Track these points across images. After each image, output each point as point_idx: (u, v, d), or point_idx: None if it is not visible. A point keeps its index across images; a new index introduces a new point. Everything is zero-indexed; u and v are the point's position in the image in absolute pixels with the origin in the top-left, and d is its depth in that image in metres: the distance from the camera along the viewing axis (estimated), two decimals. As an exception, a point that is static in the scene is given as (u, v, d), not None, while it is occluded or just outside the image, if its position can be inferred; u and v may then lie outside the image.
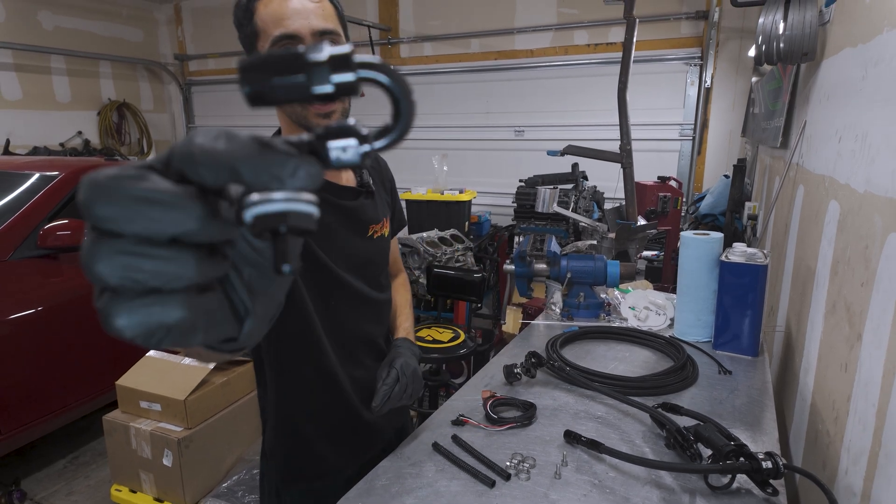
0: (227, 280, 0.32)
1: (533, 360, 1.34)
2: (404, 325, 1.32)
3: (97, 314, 0.26)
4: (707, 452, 0.97)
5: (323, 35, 0.95)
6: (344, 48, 0.32)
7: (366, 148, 0.34)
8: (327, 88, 0.32)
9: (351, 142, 0.33)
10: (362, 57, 0.33)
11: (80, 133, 6.86)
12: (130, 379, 2.39)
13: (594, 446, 1.03)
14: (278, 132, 1.11)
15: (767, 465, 0.87)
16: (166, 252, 0.26)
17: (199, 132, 0.29)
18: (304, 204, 0.29)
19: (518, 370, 1.33)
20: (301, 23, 0.93)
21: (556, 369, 1.36)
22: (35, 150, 6.20)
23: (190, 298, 0.28)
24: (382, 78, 0.33)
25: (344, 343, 1.15)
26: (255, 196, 0.29)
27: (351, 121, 0.34)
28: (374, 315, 1.22)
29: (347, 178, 1.15)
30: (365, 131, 0.34)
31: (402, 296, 1.39)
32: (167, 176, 0.27)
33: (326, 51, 0.31)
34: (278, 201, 0.29)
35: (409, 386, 1.14)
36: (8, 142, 5.98)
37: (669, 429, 1.04)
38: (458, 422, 1.17)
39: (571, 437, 1.07)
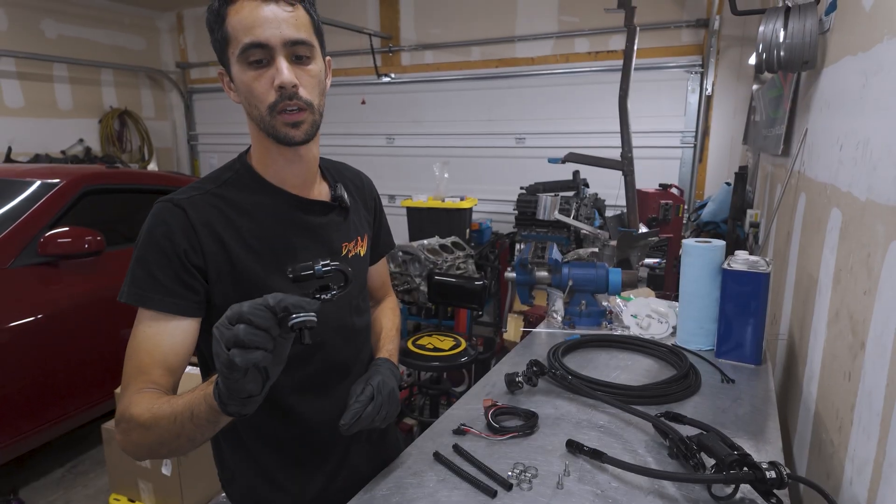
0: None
1: (534, 368, 1.33)
2: (387, 346, 1.22)
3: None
4: (710, 462, 0.96)
5: (294, 45, 0.90)
6: (310, 315, 0.71)
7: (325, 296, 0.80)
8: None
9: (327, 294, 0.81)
10: (325, 265, 0.80)
11: (81, 141, 6.88)
12: (130, 387, 2.38)
13: (597, 456, 1.02)
14: (247, 150, 1.07)
15: (771, 475, 0.87)
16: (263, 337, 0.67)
17: (271, 296, 0.70)
18: (313, 315, 0.71)
19: (519, 379, 1.32)
20: (271, 32, 0.88)
21: (557, 378, 1.35)
22: (36, 158, 6.21)
23: (265, 355, 0.67)
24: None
25: (308, 371, 1.06)
26: (294, 316, 0.70)
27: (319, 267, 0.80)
28: (347, 341, 1.13)
29: (320, 192, 1.08)
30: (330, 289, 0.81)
31: (389, 319, 1.31)
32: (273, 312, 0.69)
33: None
34: (302, 317, 0.70)
35: (383, 406, 1.00)
36: (10, 149, 6.00)
37: (672, 438, 1.03)
38: (460, 431, 1.16)
39: (574, 447, 1.06)
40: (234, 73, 0.93)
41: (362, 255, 1.15)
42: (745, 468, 0.89)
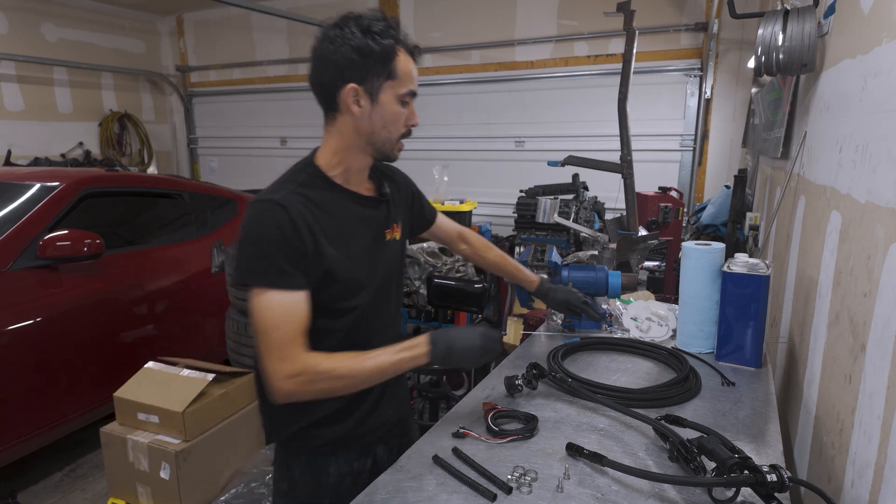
0: None
1: (534, 371, 1.33)
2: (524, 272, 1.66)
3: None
4: (711, 465, 0.96)
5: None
6: None
7: None
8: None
9: None
10: None
11: (81, 144, 6.89)
12: (128, 390, 2.38)
13: (597, 459, 1.01)
14: (313, 156, 1.27)
15: (772, 478, 0.86)
16: None
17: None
18: None
19: (519, 382, 1.32)
20: (416, 85, 1.19)
21: (557, 381, 1.35)
22: (36, 161, 6.22)
23: None
24: None
25: (359, 333, 1.24)
26: None
27: None
28: (393, 313, 1.38)
29: (369, 189, 1.29)
30: None
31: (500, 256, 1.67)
32: None
33: None
34: None
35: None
36: (9, 152, 6.00)
37: (673, 441, 1.03)
38: (459, 434, 1.16)
39: (574, 450, 1.06)
40: (385, 101, 1.15)
41: (398, 239, 1.34)
42: (746, 471, 0.89)
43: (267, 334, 1.07)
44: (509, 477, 1.00)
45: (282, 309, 1.08)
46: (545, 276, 1.62)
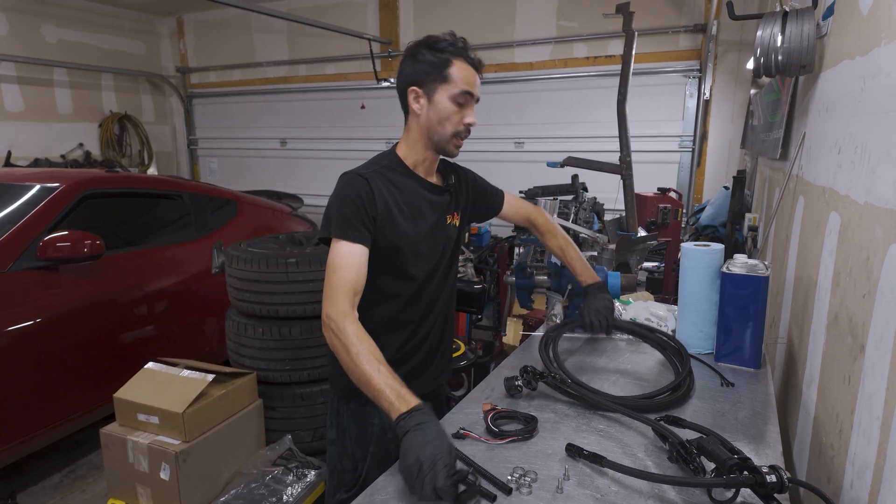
0: None
1: (528, 374, 1.32)
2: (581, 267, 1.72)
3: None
4: (710, 466, 0.96)
5: (477, 101, 1.42)
6: None
7: None
8: None
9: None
10: None
11: (81, 145, 6.89)
12: (128, 391, 2.37)
13: (596, 460, 1.01)
14: (395, 148, 1.48)
15: (772, 478, 0.86)
16: None
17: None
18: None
19: (519, 383, 1.32)
20: (477, 90, 1.40)
21: (557, 382, 1.34)
22: (36, 162, 6.22)
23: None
24: None
25: (420, 300, 1.46)
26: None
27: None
28: (448, 287, 1.55)
29: (437, 179, 1.52)
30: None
31: (571, 248, 1.75)
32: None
33: None
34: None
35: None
36: (9, 153, 6.00)
37: (672, 442, 1.03)
38: (459, 435, 1.16)
39: (573, 451, 1.06)
40: (439, 100, 1.37)
41: (457, 224, 1.55)
42: (746, 472, 0.89)
43: (329, 275, 1.27)
44: (509, 478, 1.00)
45: (343, 257, 1.28)
46: (602, 281, 1.67)
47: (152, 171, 7.64)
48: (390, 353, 1.39)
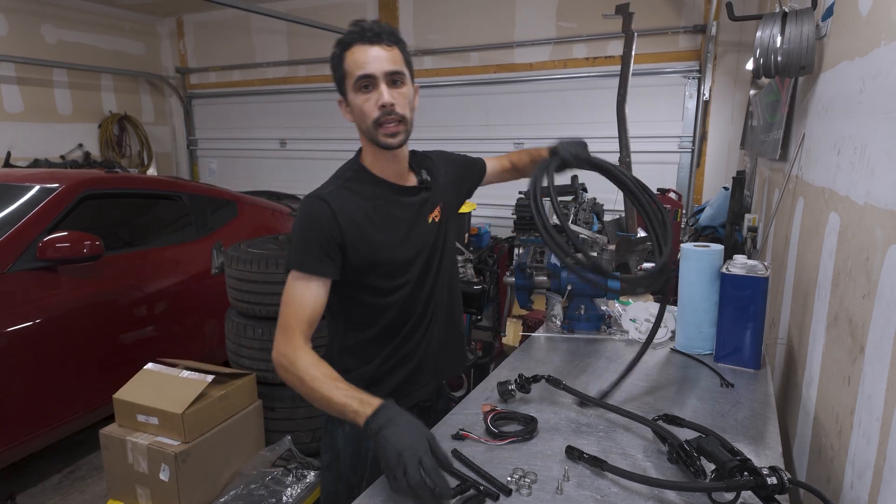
0: None
1: (524, 378, 1.32)
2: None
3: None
4: (710, 467, 0.96)
5: (392, 75, 1.24)
6: None
7: None
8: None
9: None
10: None
11: (80, 145, 6.89)
12: (128, 392, 2.37)
13: (597, 464, 1.01)
14: (359, 152, 1.40)
15: (772, 481, 0.86)
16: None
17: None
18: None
19: (512, 387, 1.31)
20: (375, 66, 1.22)
21: (553, 382, 1.34)
22: (36, 163, 6.21)
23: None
24: None
25: (415, 304, 1.39)
26: None
27: None
28: (442, 284, 1.46)
29: (410, 180, 1.42)
30: None
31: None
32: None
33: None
34: None
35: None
36: (9, 154, 6.00)
37: (672, 443, 1.03)
38: (459, 436, 1.16)
39: (573, 454, 1.06)
40: (350, 99, 1.27)
41: (438, 220, 1.44)
42: (746, 473, 0.89)
43: (283, 308, 1.24)
44: (509, 479, 1.00)
45: (297, 291, 1.23)
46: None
47: (152, 171, 7.64)
48: (382, 362, 1.38)
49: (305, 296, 1.24)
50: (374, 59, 1.22)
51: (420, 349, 1.44)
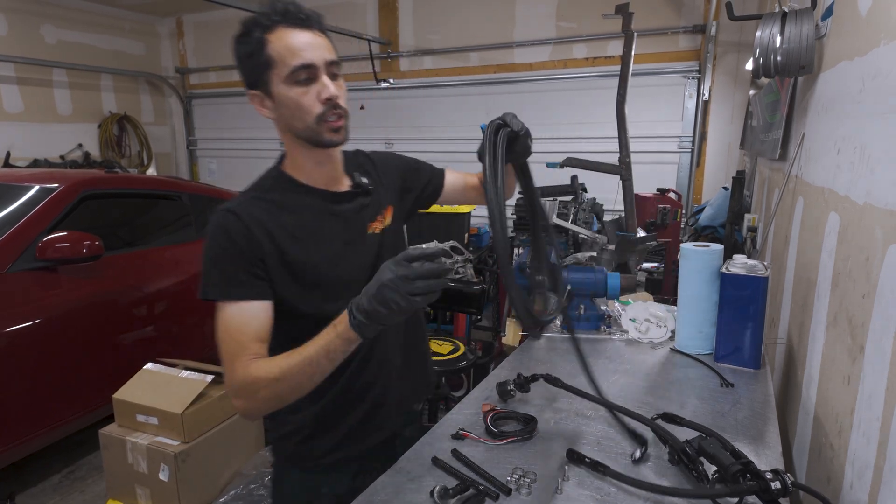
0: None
1: (523, 378, 1.32)
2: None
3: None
4: (712, 469, 0.96)
5: (332, 66, 1.07)
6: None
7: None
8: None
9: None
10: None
11: (80, 145, 6.88)
12: (127, 392, 2.38)
13: (598, 468, 1.01)
14: (280, 159, 1.22)
15: (776, 485, 0.86)
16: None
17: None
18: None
19: (511, 388, 1.31)
20: (316, 54, 1.04)
21: (551, 381, 1.34)
22: (35, 163, 6.21)
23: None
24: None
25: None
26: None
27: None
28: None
29: (345, 185, 1.22)
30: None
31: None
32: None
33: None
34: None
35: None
36: (8, 154, 6.00)
37: (672, 445, 1.02)
38: (458, 436, 1.16)
39: (574, 458, 1.06)
40: (278, 92, 1.06)
41: (389, 223, 1.26)
42: (748, 476, 0.89)
43: (222, 344, 1.03)
44: (508, 478, 1.00)
45: (235, 323, 1.03)
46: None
47: (151, 171, 7.64)
48: (332, 401, 1.19)
49: (247, 325, 1.03)
50: (312, 45, 1.04)
51: (379, 382, 1.23)
